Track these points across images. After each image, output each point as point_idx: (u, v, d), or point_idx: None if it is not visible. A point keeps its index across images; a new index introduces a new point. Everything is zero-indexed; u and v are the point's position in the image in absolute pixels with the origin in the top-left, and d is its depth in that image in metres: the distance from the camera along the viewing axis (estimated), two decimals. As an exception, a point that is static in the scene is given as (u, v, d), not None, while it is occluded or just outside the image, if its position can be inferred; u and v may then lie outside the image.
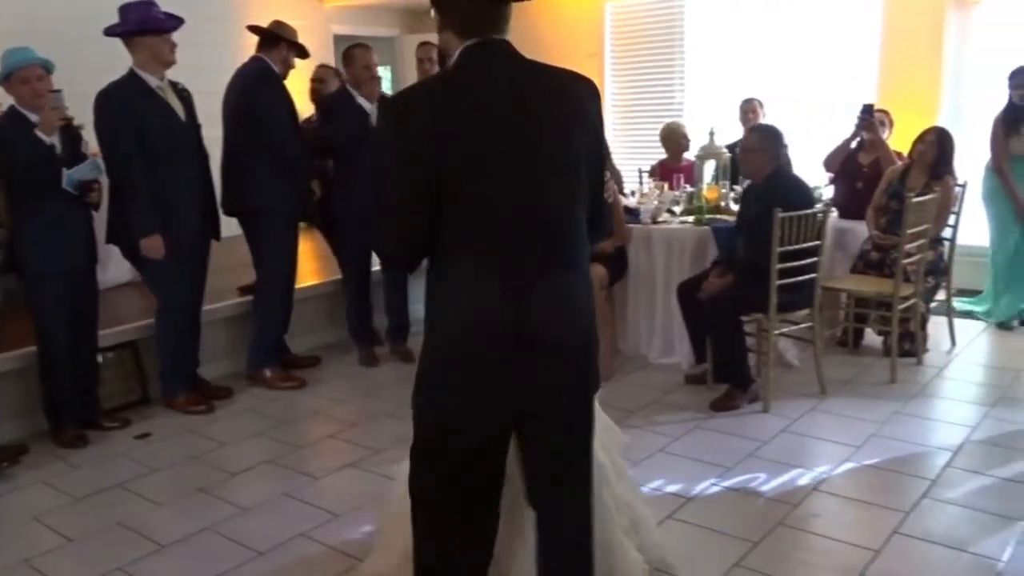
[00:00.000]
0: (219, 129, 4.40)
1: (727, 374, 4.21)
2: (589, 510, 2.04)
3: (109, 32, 3.85)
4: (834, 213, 5.21)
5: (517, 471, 2.05)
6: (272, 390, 4.64)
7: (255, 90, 4.36)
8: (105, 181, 3.99)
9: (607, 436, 2.52)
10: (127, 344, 4.50)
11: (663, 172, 5.95)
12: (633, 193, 5.60)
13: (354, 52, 4.94)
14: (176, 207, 4.04)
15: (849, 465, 3.48)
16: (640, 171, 6.57)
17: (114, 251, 4.39)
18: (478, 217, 1.77)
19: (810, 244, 4.03)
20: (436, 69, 4.99)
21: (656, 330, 4.83)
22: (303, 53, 4.66)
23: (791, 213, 3.91)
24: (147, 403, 4.48)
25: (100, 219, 4.08)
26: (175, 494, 3.47)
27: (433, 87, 1.89)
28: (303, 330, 5.19)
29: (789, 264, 3.98)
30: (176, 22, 3.92)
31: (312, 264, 5.96)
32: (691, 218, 4.80)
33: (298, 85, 5.49)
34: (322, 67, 5.55)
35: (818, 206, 4.17)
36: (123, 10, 3.84)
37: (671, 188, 5.36)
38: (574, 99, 1.85)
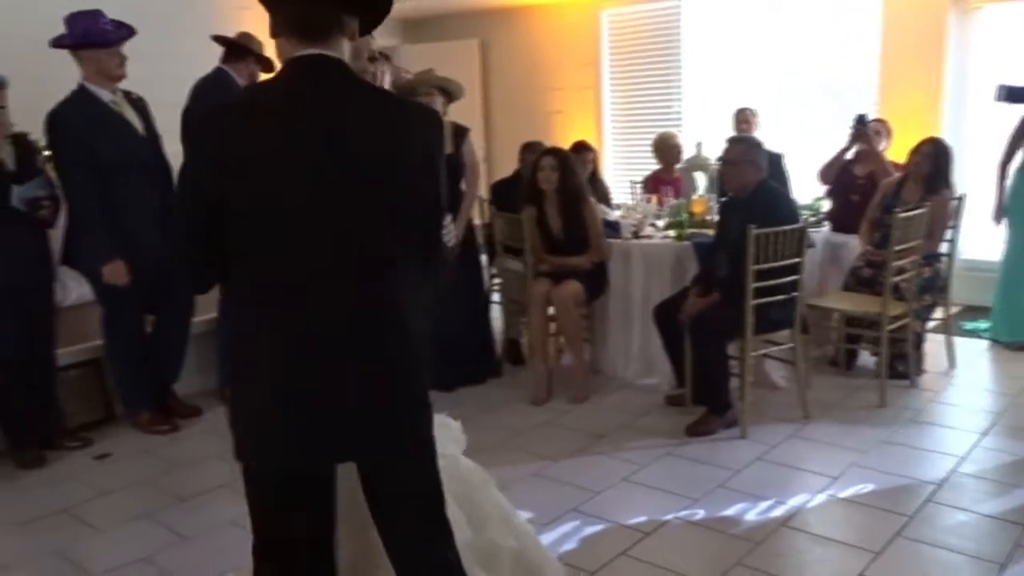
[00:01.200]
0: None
1: (704, 397, 4.03)
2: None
3: (55, 43, 3.74)
4: (826, 227, 5.03)
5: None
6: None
7: (208, 102, 4.24)
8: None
9: (468, 483, 2.35)
10: (91, 361, 4.41)
11: (655, 183, 5.79)
12: (619, 206, 5.44)
13: None
14: (135, 226, 3.94)
15: (823, 498, 3.29)
16: (632, 183, 6.43)
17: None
18: (264, 245, 1.64)
19: (791, 261, 3.85)
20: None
21: (635, 350, 4.65)
22: (269, 67, 4.55)
23: (769, 229, 3.73)
24: (112, 421, 4.39)
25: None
26: (119, 520, 3.36)
27: (237, 101, 1.79)
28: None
29: (768, 283, 3.80)
30: (123, 33, 3.79)
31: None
32: (673, 232, 4.63)
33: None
34: None
35: (803, 220, 3.99)
36: (68, 21, 3.72)
37: (660, 200, 5.19)
38: (400, 131, 1.70)
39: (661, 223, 4.83)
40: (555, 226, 4.61)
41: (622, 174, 7.32)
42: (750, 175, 3.92)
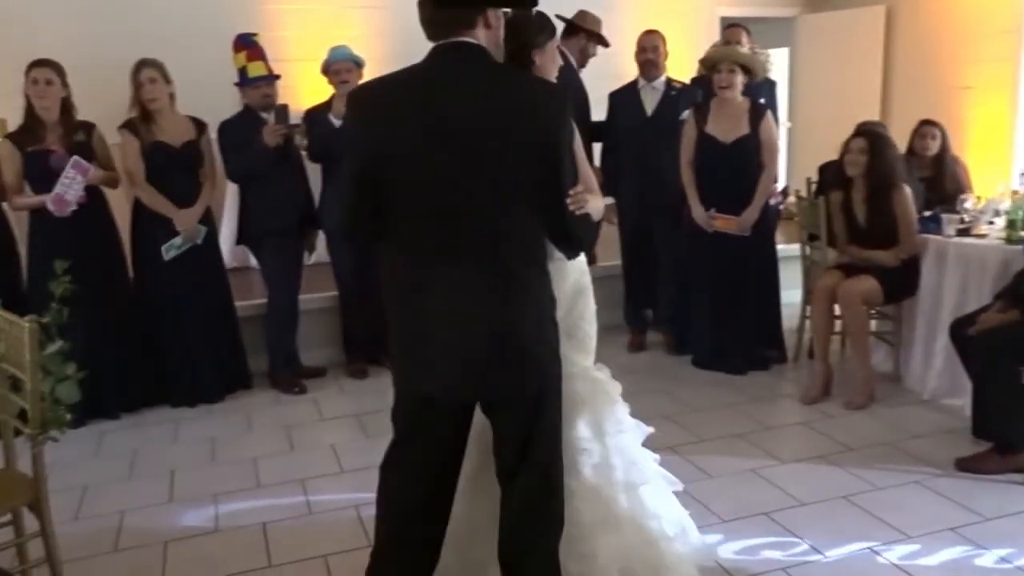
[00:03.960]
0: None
1: (988, 430, 3.40)
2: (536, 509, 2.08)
3: None
4: None
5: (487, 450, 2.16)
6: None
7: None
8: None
9: (636, 435, 2.43)
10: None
11: (1044, 173, 4.85)
12: (971, 199, 4.67)
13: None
14: None
15: (1077, 575, 2.64)
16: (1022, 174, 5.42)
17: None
18: (403, 209, 1.88)
19: None
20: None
21: (938, 364, 4.03)
22: (602, 43, 4.79)
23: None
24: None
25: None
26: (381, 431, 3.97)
27: (387, 80, 1.98)
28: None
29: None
30: None
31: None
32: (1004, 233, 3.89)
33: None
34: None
35: None
36: None
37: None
38: (525, 109, 1.83)
39: (1000, 221, 4.08)
40: (860, 214, 4.18)
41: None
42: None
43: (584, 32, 4.72)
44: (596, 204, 2.20)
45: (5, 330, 2.53)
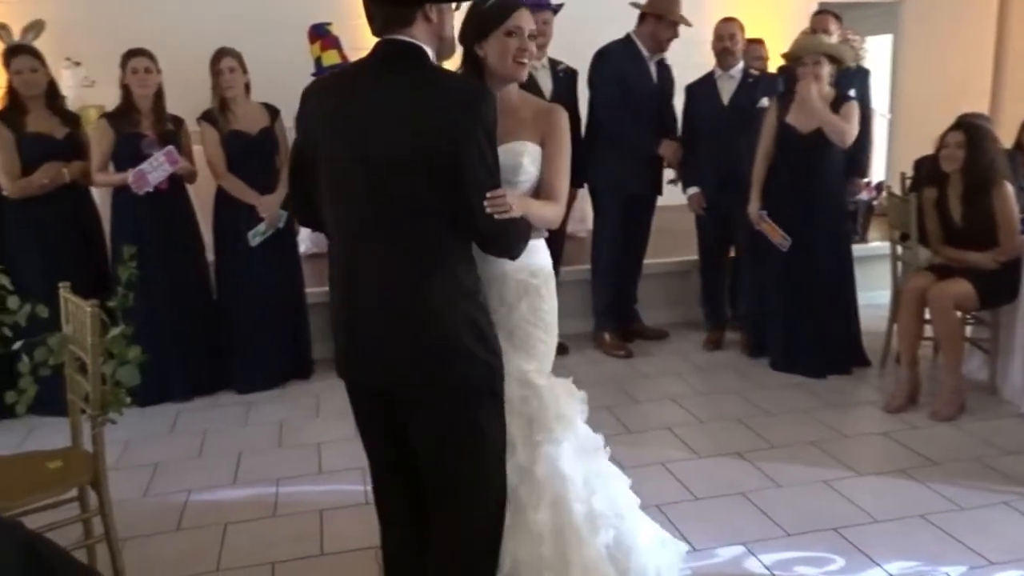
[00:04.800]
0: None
1: (1089, 450, 3.14)
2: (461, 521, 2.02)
3: None
4: None
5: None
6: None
7: (591, 65, 4.53)
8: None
9: (584, 446, 2.25)
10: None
11: None
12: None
13: None
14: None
15: None
16: None
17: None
18: (330, 203, 1.91)
19: None
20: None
21: (1036, 375, 3.76)
22: (677, 23, 4.56)
23: None
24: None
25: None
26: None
27: (333, 77, 2.06)
28: (657, 304, 5.25)
29: None
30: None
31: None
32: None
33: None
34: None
35: None
36: None
37: None
38: (433, 113, 1.79)
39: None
40: (956, 213, 3.91)
41: None
42: None
43: (652, 17, 4.52)
44: (541, 212, 2.04)
45: (72, 313, 2.61)
